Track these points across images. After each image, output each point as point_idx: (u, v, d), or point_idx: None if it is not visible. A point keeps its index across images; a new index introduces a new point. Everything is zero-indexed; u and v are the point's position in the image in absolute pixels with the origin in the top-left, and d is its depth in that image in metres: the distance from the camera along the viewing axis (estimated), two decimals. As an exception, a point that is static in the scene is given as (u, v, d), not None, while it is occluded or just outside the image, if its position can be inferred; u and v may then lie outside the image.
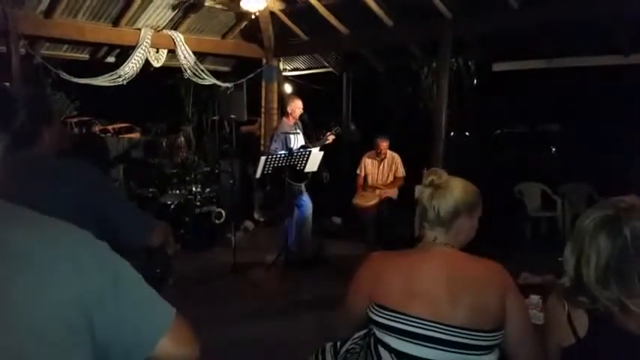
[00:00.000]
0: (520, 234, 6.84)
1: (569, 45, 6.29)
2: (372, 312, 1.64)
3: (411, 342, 1.55)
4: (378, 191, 6.68)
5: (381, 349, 1.61)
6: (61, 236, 0.88)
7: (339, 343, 1.85)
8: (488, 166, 7.98)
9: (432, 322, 1.53)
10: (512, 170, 7.91)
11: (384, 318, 1.60)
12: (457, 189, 1.66)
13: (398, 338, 1.57)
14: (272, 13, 7.14)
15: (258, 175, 5.28)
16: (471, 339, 1.52)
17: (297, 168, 5.42)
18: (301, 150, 5.50)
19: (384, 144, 6.73)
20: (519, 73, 7.60)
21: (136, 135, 14.34)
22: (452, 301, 1.55)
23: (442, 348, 1.52)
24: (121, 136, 13.98)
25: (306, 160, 5.42)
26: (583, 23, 5.40)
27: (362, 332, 1.76)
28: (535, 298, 2.19)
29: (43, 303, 0.80)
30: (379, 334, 1.63)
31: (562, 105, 10.75)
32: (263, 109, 8.09)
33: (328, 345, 1.90)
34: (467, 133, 9.84)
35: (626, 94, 7.67)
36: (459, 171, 1.73)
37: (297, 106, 5.69)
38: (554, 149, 10.48)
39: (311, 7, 6.50)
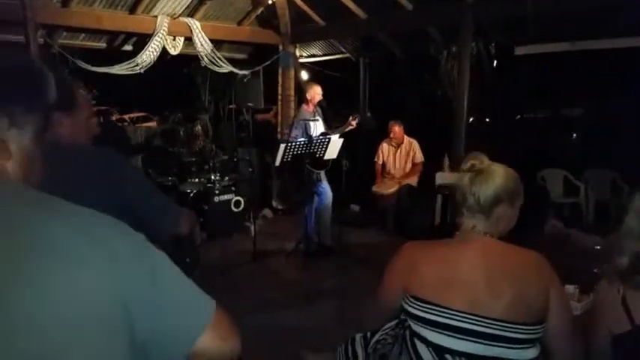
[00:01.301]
0: (543, 220, 6.72)
1: (593, 26, 6.09)
2: (408, 304, 1.58)
3: (448, 335, 1.50)
4: (397, 178, 6.61)
5: (418, 343, 1.55)
6: (97, 228, 0.84)
7: (369, 334, 1.82)
8: (509, 152, 7.82)
9: (469, 314, 1.47)
10: (533, 156, 7.74)
11: (420, 310, 1.54)
12: (499, 174, 1.58)
13: (435, 331, 1.52)
14: (288, -1, 7.06)
15: (277, 162, 5.22)
16: (511, 332, 1.46)
17: (317, 155, 5.37)
18: (321, 137, 5.43)
19: (395, 127, 6.64)
20: (542, 56, 7.40)
21: (152, 124, 14.36)
22: (490, 293, 1.48)
23: (481, 341, 1.47)
24: (137, 125, 14.01)
25: (326, 148, 5.36)
26: (607, 4, 5.22)
27: (392, 323, 1.71)
28: (571, 288, 2.11)
29: (78, 296, 0.76)
30: (415, 327, 1.57)
31: (585, 89, 10.48)
32: (280, 97, 8.01)
33: (358, 336, 1.86)
34: (487, 119, 9.67)
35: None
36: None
37: (316, 93, 5.61)
38: (576, 135, 10.26)
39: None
